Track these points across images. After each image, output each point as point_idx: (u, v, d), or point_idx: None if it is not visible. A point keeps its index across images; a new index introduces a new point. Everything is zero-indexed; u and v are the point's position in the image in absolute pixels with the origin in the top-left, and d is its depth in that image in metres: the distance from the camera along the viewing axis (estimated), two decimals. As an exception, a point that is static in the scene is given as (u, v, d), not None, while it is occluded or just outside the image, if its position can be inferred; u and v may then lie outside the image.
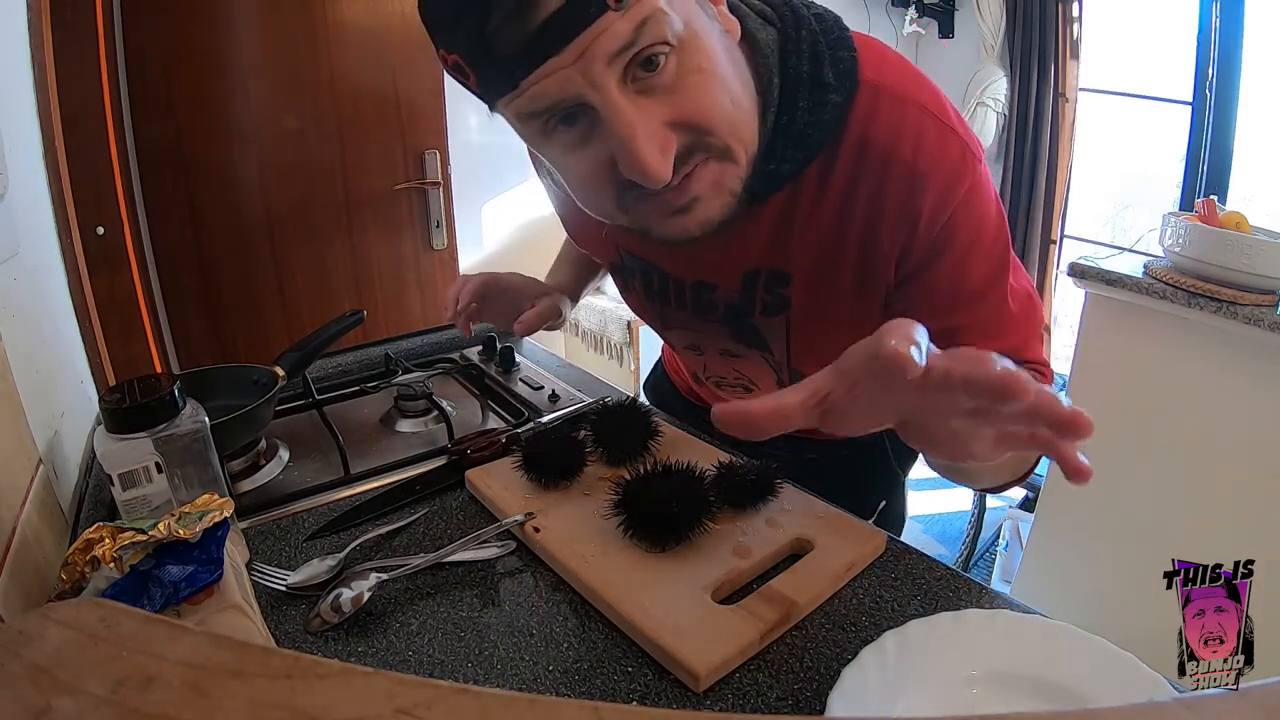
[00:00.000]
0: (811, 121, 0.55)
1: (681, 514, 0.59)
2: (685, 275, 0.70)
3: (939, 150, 0.55)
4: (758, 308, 0.67)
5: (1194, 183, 2.46)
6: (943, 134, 0.56)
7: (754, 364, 0.75)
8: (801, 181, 0.58)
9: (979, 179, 0.57)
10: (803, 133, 0.55)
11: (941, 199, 0.56)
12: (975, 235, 0.58)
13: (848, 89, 0.55)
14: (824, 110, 0.55)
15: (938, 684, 0.47)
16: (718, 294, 0.68)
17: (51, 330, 0.86)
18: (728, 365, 0.79)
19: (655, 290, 0.74)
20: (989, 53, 2.79)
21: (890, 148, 0.55)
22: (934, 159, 0.55)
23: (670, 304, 0.74)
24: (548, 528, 0.63)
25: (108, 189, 1.50)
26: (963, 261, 0.59)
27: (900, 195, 0.56)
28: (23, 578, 0.54)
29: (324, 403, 0.93)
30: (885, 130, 0.55)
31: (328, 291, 2.02)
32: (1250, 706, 0.24)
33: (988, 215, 0.59)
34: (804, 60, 0.55)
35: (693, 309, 0.72)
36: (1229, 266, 1.31)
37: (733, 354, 0.76)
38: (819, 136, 0.56)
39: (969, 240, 0.58)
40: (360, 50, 1.90)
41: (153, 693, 0.23)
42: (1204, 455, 1.42)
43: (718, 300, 0.69)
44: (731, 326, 0.71)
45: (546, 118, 0.48)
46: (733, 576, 0.58)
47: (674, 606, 0.53)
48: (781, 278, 0.64)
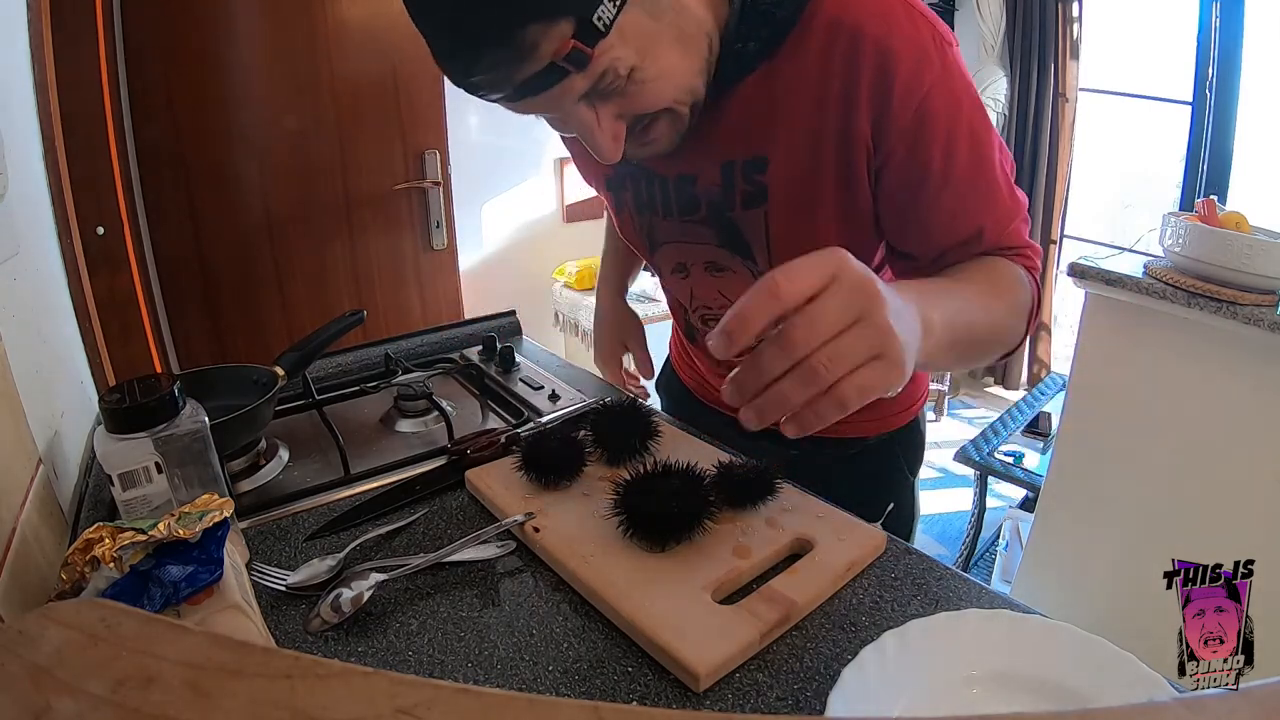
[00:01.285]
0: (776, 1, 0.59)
1: (681, 514, 0.59)
2: (668, 171, 0.72)
3: (909, 28, 0.58)
4: (738, 199, 0.69)
5: (1194, 183, 2.46)
6: (911, 15, 0.58)
7: (738, 281, 0.76)
8: (776, 62, 0.61)
9: (950, 63, 0.59)
10: (768, 11, 0.59)
11: (911, 78, 0.58)
12: (950, 124, 0.60)
13: None
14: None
15: (938, 684, 0.47)
16: (698, 187, 0.70)
17: (51, 330, 0.86)
18: (713, 286, 0.79)
19: (644, 198, 0.76)
20: (989, 53, 2.79)
21: (859, 26, 0.58)
22: (904, 36, 0.58)
23: (658, 212, 0.76)
24: (548, 528, 0.63)
25: (108, 189, 1.50)
26: (941, 151, 0.61)
27: (872, 72, 0.58)
28: (23, 578, 0.54)
29: (324, 403, 0.93)
30: (855, 11, 0.58)
31: (328, 291, 2.03)
32: (1250, 706, 0.24)
33: (962, 103, 0.60)
34: None
35: (678, 210, 0.74)
36: (1229, 266, 1.31)
37: (718, 267, 0.76)
38: (784, 14, 0.59)
39: (943, 128, 0.60)
40: (360, 51, 1.90)
41: (153, 693, 0.23)
42: (1204, 455, 1.42)
43: (699, 195, 0.71)
44: (715, 225, 0.72)
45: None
46: (733, 576, 0.58)
47: (674, 606, 0.53)
48: (759, 163, 0.66)
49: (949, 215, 0.63)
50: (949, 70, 0.59)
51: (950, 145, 0.60)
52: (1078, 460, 1.61)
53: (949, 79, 0.59)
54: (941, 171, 0.61)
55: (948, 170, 0.61)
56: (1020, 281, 0.64)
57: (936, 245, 0.65)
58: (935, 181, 0.62)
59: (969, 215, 0.63)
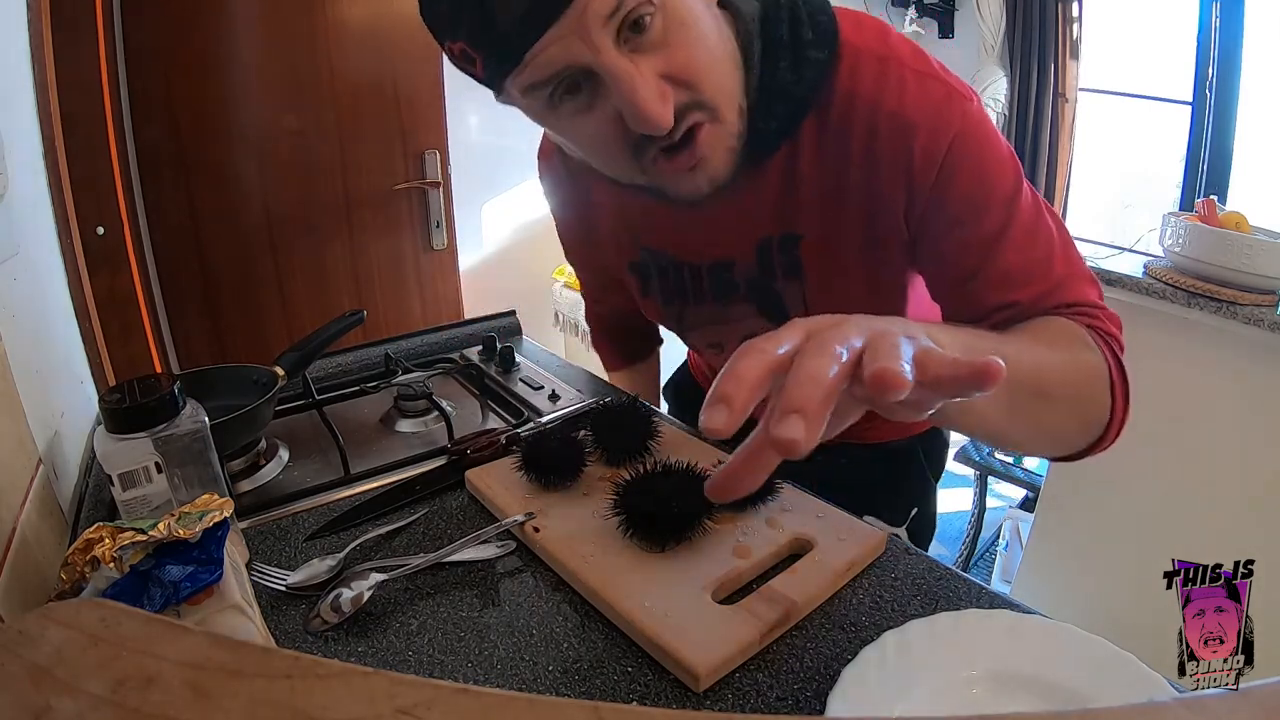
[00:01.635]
0: (795, 79, 0.58)
1: (681, 514, 0.59)
2: (702, 259, 0.71)
3: (921, 97, 0.57)
4: (778, 271, 0.68)
5: (1194, 183, 2.45)
6: (923, 82, 0.58)
7: None
8: (799, 141, 0.61)
9: (971, 120, 0.58)
10: (786, 89, 0.58)
11: (930, 143, 0.57)
12: (978, 179, 0.59)
13: (829, 46, 0.58)
14: (806, 67, 0.58)
15: (938, 684, 0.47)
16: (736, 270, 0.70)
17: (51, 330, 0.86)
18: None
19: (674, 287, 0.75)
20: (989, 53, 2.78)
21: (875, 100, 0.58)
22: (917, 105, 0.57)
23: (689, 300, 0.75)
24: (548, 528, 0.63)
25: (108, 189, 1.50)
26: (973, 205, 0.59)
27: (890, 144, 0.58)
28: (23, 578, 0.54)
29: (324, 403, 0.93)
30: (869, 86, 0.58)
31: (327, 291, 2.02)
32: (1250, 706, 0.24)
33: (988, 157, 0.59)
34: (783, 25, 0.58)
35: (713, 297, 0.73)
36: (1229, 266, 1.31)
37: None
38: (803, 92, 0.58)
39: (972, 185, 0.58)
40: (360, 50, 1.90)
41: (153, 693, 0.23)
42: (1204, 455, 1.42)
43: (737, 277, 0.71)
44: (755, 299, 0.72)
45: (551, 88, 0.51)
46: (733, 576, 0.58)
47: (674, 606, 0.53)
48: (793, 240, 0.66)
49: (988, 274, 0.59)
50: (968, 129, 0.57)
51: (981, 202, 0.58)
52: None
53: (969, 138, 0.58)
54: (974, 228, 0.59)
55: (980, 226, 0.59)
56: (1081, 339, 0.57)
57: (979, 305, 0.60)
58: (969, 240, 0.59)
59: (1010, 271, 0.59)
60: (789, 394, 0.32)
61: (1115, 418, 0.58)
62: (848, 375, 0.33)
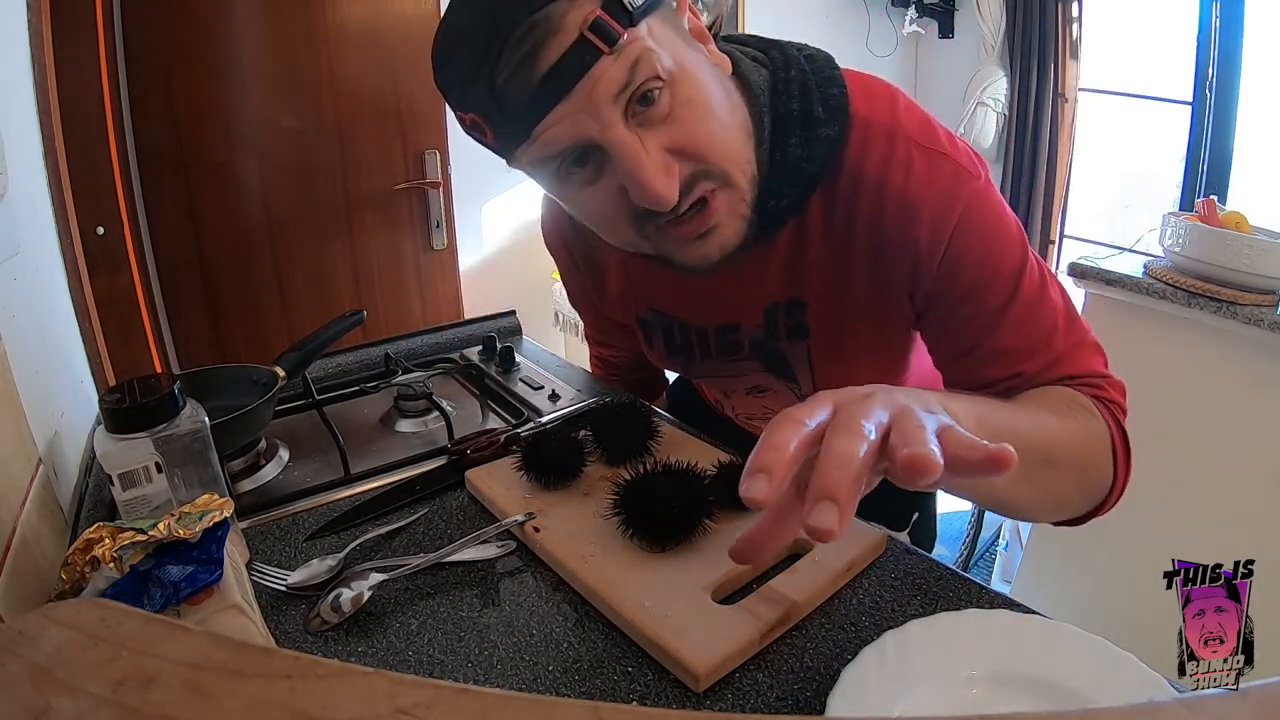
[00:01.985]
0: (805, 155, 0.57)
1: (682, 514, 0.59)
2: (708, 323, 0.72)
3: (928, 177, 0.57)
4: (783, 333, 0.69)
5: (1194, 183, 2.45)
6: (931, 160, 0.57)
7: (781, 398, 0.77)
8: (806, 216, 0.61)
9: (977, 197, 0.58)
10: (797, 166, 0.58)
11: (936, 225, 0.57)
12: (983, 256, 0.59)
13: (839, 122, 0.58)
14: (816, 144, 0.57)
15: (938, 684, 0.47)
16: (742, 333, 0.71)
17: (51, 330, 0.86)
18: (756, 403, 0.81)
19: (678, 345, 0.76)
20: (989, 53, 2.79)
21: (882, 180, 0.58)
22: (923, 187, 0.57)
23: (695, 356, 0.76)
24: (548, 528, 0.63)
25: (108, 189, 1.50)
26: (978, 283, 0.59)
27: (895, 226, 0.58)
28: (23, 578, 0.54)
29: (324, 403, 0.93)
30: (877, 164, 0.58)
31: (328, 291, 2.02)
32: (1250, 706, 0.24)
33: (993, 234, 0.59)
34: (794, 99, 0.58)
35: (718, 355, 0.74)
36: (1229, 266, 1.31)
37: (761, 389, 0.77)
38: (813, 169, 0.58)
39: (978, 262, 0.59)
40: (360, 51, 1.90)
41: (153, 693, 0.23)
42: (1204, 455, 1.41)
43: (743, 339, 0.71)
44: (761, 358, 0.73)
45: (559, 162, 0.52)
46: (733, 576, 0.57)
47: (674, 606, 0.53)
48: (799, 305, 0.67)
49: (992, 349, 0.60)
50: (974, 206, 0.57)
51: (986, 278, 0.59)
52: (1078, 460, 1.61)
53: (974, 216, 0.58)
54: (978, 305, 0.59)
55: (984, 303, 0.59)
56: (1085, 407, 0.59)
57: (982, 377, 0.62)
58: (974, 315, 0.60)
59: (1014, 347, 0.60)
60: (821, 478, 0.33)
61: (1118, 481, 0.60)
62: (876, 453, 0.35)
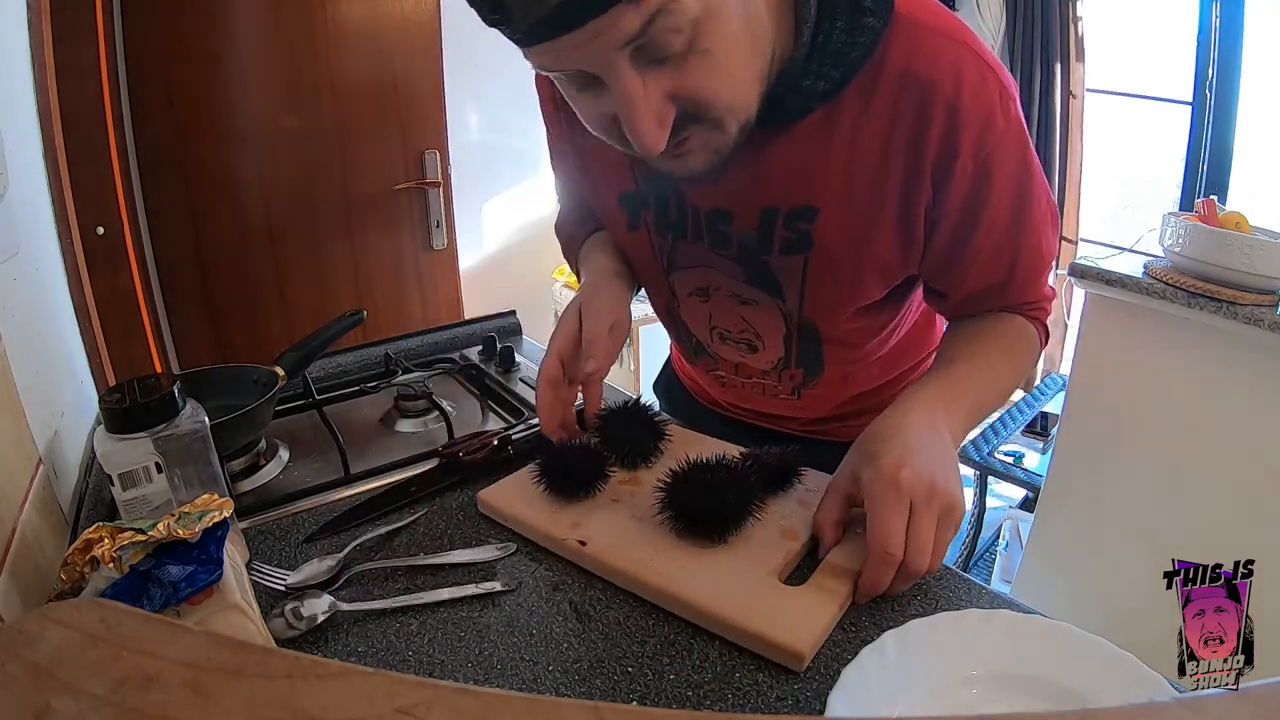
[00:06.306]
0: (849, 42, 0.56)
1: (735, 505, 0.60)
2: (702, 203, 0.69)
3: (979, 86, 0.57)
4: (776, 245, 0.67)
5: (1194, 183, 2.45)
6: (982, 71, 0.57)
7: (764, 312, 0.74)
8: (840, 106, 0.59)
9: (1013, 119, 0.59)
10: (840, 51, 0.56)
11: (980, 137, 0.58)
12: (1009, 177, 0.61)
13: (884, 15, 0.56)
14: (861, 32, 0.56)
15: (938, 684, 0.47)
16: (734, 225, 0.68)
17: (52, 330, 0.86)
18: (735, 313, 0.76)
19: (670, 220, 0.72)
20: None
21: (931, 81, 0.57)
22: (974, 95, 0.57)
23: (686, 236, 0.72)
24: (591, 539, 0.62)
25: (108, 189, 1.50)
26: (997, 202, 0.62)
27: (941, 129, 0.58)
28: (23, 578, 0.54)
29: (324, 403, 0.93)
30: (926, 64, 0.57)
31: (327, 291, 2.03)
32: (1250, 706, 0.24)
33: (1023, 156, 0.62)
34: None
35: (708, 240, 0.71)
36: (1229, 266, 1.31)
37: (742, 299, 0.74)
38: (856, 56, 0.57)
39: (1003, 183, 0.61)
40: (360, 50, 1.90)
41: (153, 693, 0.23)
42: (1204, 455, 1.41)
43: (733, 233, 0.69)
44: (746, 266, 0.70)
45: (565, 75, 0.52)
46: (790, 558, 0.59)
47: (750, 594, 0.54)
48: (806, 212, 0.64)
49: (986, 262, 0.66)
50: (1010, 128, 0.59)
51: (1002, 200, 0.62)
52: (1078, 460, 1.61)
53: (1009, 138, 0.59)
54: (989, 223, 0.63)
55: (995, 222, 0.63)
56: (1032, 347, 0.72)
57: (969, 288, 0.69)
58: (982, 232, 0.64)
59: (1005, 263, 0.67)
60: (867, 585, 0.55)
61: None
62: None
